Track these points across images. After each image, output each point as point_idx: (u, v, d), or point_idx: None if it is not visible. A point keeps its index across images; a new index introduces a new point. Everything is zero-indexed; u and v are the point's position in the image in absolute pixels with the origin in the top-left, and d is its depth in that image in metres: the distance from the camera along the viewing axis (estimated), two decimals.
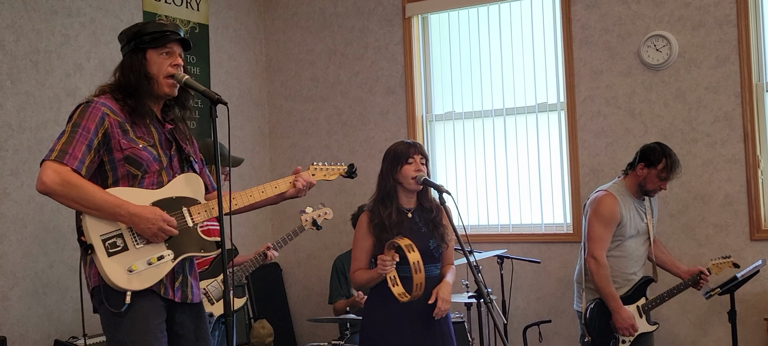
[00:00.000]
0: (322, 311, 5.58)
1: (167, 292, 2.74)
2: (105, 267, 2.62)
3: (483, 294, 3.24)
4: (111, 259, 2.62)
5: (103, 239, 2.63)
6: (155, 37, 2.73)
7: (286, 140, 6.05)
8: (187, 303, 2.82)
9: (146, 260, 2.66)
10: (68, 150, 2.60)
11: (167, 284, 2.74)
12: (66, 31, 4.67)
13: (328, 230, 5.87)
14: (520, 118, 5.32)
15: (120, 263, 2.63)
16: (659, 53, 4.80)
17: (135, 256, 2.65)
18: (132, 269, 2.63)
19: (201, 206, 2.79)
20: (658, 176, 3.98)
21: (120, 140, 2.68)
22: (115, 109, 2.70)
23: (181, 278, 2.79)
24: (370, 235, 3.45)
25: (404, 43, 5.58)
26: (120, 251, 2.64)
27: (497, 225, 5.39)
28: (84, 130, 2.63)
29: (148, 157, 2.72)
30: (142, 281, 2.65)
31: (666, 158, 3.96)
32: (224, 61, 5.74)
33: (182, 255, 2.74)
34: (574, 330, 4.94)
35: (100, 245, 2.62)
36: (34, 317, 4.43)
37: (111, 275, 2.62)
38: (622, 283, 4.03)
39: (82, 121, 2.65)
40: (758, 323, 4.56)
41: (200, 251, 2.78)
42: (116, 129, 2.68)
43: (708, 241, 4.72)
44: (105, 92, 2.76)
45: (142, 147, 2.71)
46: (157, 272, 2.68)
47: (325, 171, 3.15)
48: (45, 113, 4.52)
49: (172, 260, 2.71)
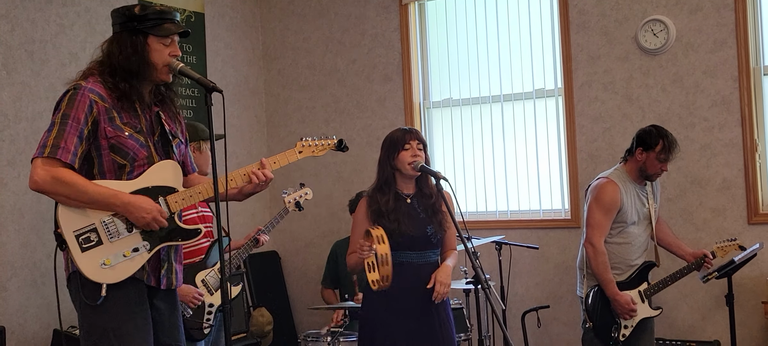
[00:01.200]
0: (321, 298, 5.59)
1: (150, 279, 2.74)
2: (78, 262, 2.61)
3: (481, 280, 3.24)
4: (84, 254, 2.62)
5: (76, 234, 2.61)
6: (159, 24, 2.69)
7: (283, 129, 6.04)
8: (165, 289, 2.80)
9: (121, 253, 2.65)
10: (60, 144, 2.58)
11: (150, 271, 2.73)
12: (61, 21, 4.66)
13: (326, 218, 5.87)
14: (517, 105, 5.31)
15: (93, 258, 2.62)
16: (657, 38, 4.78)
17: (109, 250, 2.64)
18: (105, 263, 2.62)
19: (179, 194, 2.75)
20: (657, 158, 3.97)
21: (106, 128, 2.65)
22: (104, 94, 2.66)
23: (166, 265, 2.78)
24: (368, 220, 3.49)
25: (401, 30, 5.57)
26: (93, 246, 2.62)
27: (495, 211, 5.39)
28: (74, 121, 2.60)
29: (134, 144, 2.68)
30: (117, 273, 2.64)
31: (663, 139, 3.95)
32: (220, 49, 5.72)
33: (158, 246, 2.72)
34: (573, 315, 4.95)
35: (74, 240, 2.61)
36: (33, 308, 4.43)
37: (85, 270, 2.62)
38: (624, 269, 4.02)
39: (71, 111, 2.61)
40: (756, 307, 4.57)
41: (178, 239, 2.75)
42: (103, 116, 2.65)
43: (706, 225, 4.72)
44: (93, 74, 2.70)
45: (127, 135, 2.67)
46: (131, 265, 2.67)
47: (313, 147, 3.01)
48: (41, 103, 4.51)
49: (147, 251, 2.69)
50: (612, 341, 3.97)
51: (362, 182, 5.43)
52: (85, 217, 2.62)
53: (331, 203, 5.83)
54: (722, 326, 4.57)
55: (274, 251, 6.03)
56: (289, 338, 5.71)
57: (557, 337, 5.14)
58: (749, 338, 4.62)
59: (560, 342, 5.13)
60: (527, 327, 4.87)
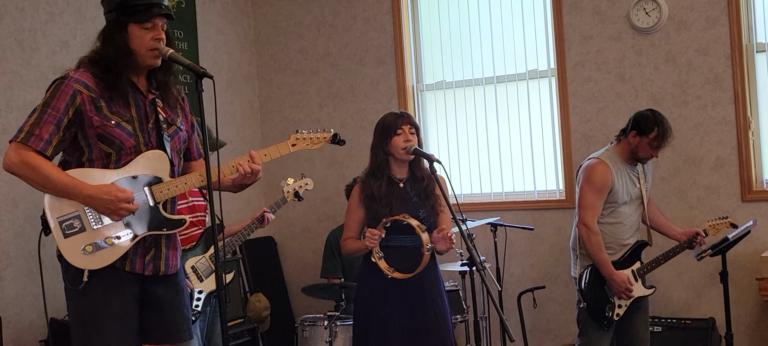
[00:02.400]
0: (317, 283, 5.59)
1: (134, 266, 2.74)
2: (61, 247, 2.67)
3: (476, 262, 3.25)
4: (67, 240, 2.66)
5: (59, 220, 2.67)
6: (139, 10, 2.68)
7: (276, 114, 6.02)
8: (160, 277, 2.81)
9: (103, 240, 2.67)
10: (35, 132, 2.63)
11: (134, 258, 2.74)
12: (51, 9, 4.63)
13: (321, 203, 5.87)
14: (510, 86, 5.31)
15: (76, 244, 2.66)
16: (649, 17, 4.77)
17: (91, 236, 2.67)
18: (86, 250, 2.66)
19: (164, 184, 2.75)
20: (650, 144, 3.97)
21: (93, 118, 2.66)
22: (90, 83, 2.68)
23: (152, 251, 2.78)
24: (361, 206, 3.51)
25: (393, 12, 5.54)
26: (76, 232, 2.67)
27: (490, 193, 5.40)
28: (53, 110, 2.64)
29: (121, 133, 2.69)
30: (98, 260, 2.67)
31: (658, 127, 3.95)
32: (212, 35, 5.70)
33: (142, 234, 2.73)
34: (569, 295, 4.97)
35: (57, 226, 2.66)
36: (29, 296, 4.43)
37: (67, 256, 2.67)
38: (617, 249, 4.04)
39: (52, 101, 2.65)
40: (750, 284, 4.58)
41: (163, 229, 2.76)
42: (89, 106, 2.66)
43: (700, 203, 4.73)
44: (84, 64, 2.73)
45: (114, 124, 2.68)
46: (113, 253, 2.69)
47: (308, 140, 2.97)
48: (32, 92, 4.49)
49: (130, 239, 2.70)
50: (606, 320, 3.99)
51: (356, 166, 5.42)
52: (70, 204, 2.67)
53: (325, 187, 5.83)
54: (717, 304, 4.59)
55: (270, 236, 6.03)
56: (286, 323, 5.73)
57: (553, 317, 5.16)
58: (744, 314, 4.64)
59: (556, 322, 5.15)
60: (523, 308, 4.89)
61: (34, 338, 4.40)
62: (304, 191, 4.16)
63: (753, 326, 4.64)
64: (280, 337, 5.61)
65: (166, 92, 2.83)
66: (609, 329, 4.01)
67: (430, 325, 3.47)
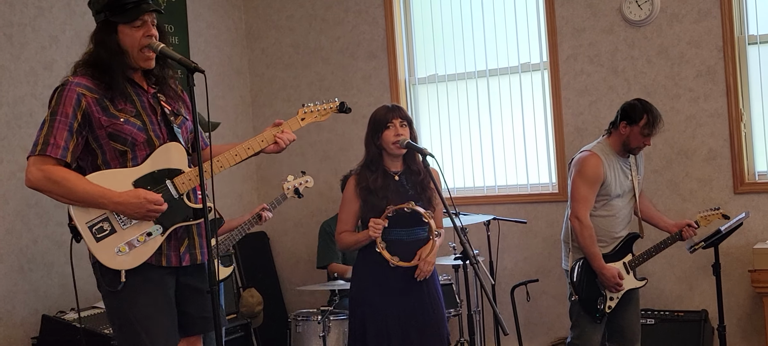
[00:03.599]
0: (310, 277, 5.59)
1: (170, 260, 2.74)
2: (95, 252, 2.67)
3: (470, 256, 3.25)
4: (99, 244, 2.66)
5: (89, 225, 2.66)
6: (127, 9, 2.66)
7: (268, 108, 6.00)
8: (197, 267, 2.82)
9: (135, 239, 2.67)
10: (50, 140, 2.62)
11: (169, 252, 2.74)
12: (40, 3, 4.59)
13: (314, 197, 5.86)
14: (503, 79, 5.30)
15: (109, 246, 2.66)
16: (641, 9, 4.77)
17: (123, 237, 2.67)
18: (121, 251, 2.66)
19: (185, 175, 2.75)
20: (641, 132, 3.97)
21: (101, 118, 2.66)
22: (92, 86, 2.67)
23: (186, 241, 2.78)
24: (357, 198, 3.50)
25: (385, 6, 5.52)
26: (107, 235, 2.66)
27: (483, 186, 5.40)
28: (63, 116, 2.63)
29: (131, 129, 2.69)
30: (134, 259, 2.67)
31: (647, 114, 3.95)
32: (203, 30, 5.67)
33: (171, 227, 2.73)
34: (562, 289, 4.97)
35: (87, 232, 2.66)
36: (21, 293, 4.41)
37: (102, 259, 2.67)
38: (608, 242, 4.04)
39: (59, 107, 2.64)
40: (743, 276, 4.60)
41: (190, 219, 2.77)
42: (95, 107, 2.66)
43: (692, 196, 4.74)
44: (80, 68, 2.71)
45: (123, 121, 2.68)
46: (146, 249, 2.69)
47: (316, 113, 3.01)
48: (22, 87, 4.46)
49: (160, 234, 2.71)
50: (598, 312, 3.99)
51: (349, 160, 5.41)
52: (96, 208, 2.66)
53: (318, 182, 5.80)
54: (709, 296, 4.61)
55: (263, 232, 6.01)
56: (279, 318, 5.72)
57: (547, 310, 5.16)
58: (736, 306, 4.66)
59: (550, 315, 5.16)
60: (516, 301, 4.90)
61: (26, 335, 4.38)
62: (304, 189, 4.16)
63: (745, 318, 4.65)
64: (274, 332, 5.60)
65: (165, 85, 2.83)
66: (601, 321, 4.01)
67: (427, 317, 3.47)
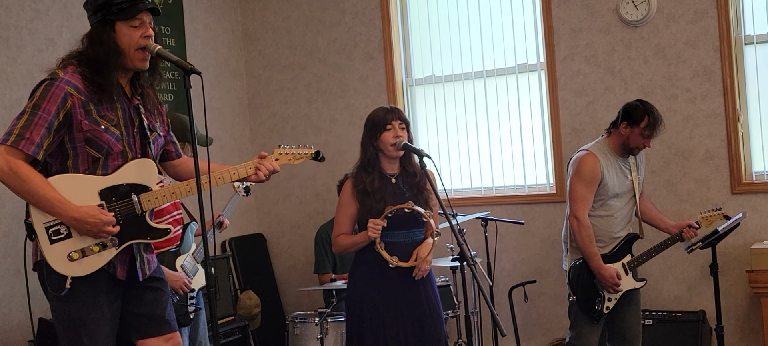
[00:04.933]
0: (308, 280, 5.58)
1: (116, 270, 2.73)
2: (46, 254, 2.63)
3: (467, 257, 3.24)
4: (53, 246, 2.63)
5: (46, 226, 2.63)
6: (124, 7, 2.65)
7: (265, 110, 5.99)
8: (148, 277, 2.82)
9: (89, 247, 2.65)
10: (25, 135, 2.57)
11: (120, 264, 2.73)
12: (36, 6, 4.58)
13: (311, 199, 5.85)
14: (500, 80, 5.30)
15: (61, 250, 2.63)
16: (637, 10, 4.77)
17: (78, 243, 2.64)
18: (73, 258, 2.63)
19: (152, 193, 2.74)
20: (641, 134, 3.97)
21: (82, 121, 2.63)
22: (80, 86, 2.64)
23: (137, 259, 2.78)
24: (354, 201, 3.49)
25: (382, 7, 5.52)
26: (63, 239, 2.64)
27: (480, 187, 5.39)
28: (44, 112, 2.58)
29: (110, 138, 2.67)
30: (84, 267, 2.65)
31: (648, 116, 3.95)
32: (200, 31, 5.66)
33: (127, 242, 2.71)
34: (560, 289, 4.97)
35: (43, 232, 2.63)
36: (18, 296, 4.39)
37: (52, 262, 2.63)
38: (607, 242, 4.03)
39: (43, 102, 2.59)
40: (740, 276, 4.60)
41: (146, 238, 2.75)
42: (79, 109, 2.63)
43: (690, 196, 4.74)
44: (72, 64, 2.68)
45: (103, 128, 2.66)
46: (99, 259, 2.67)
47: (290, 156, 3.04)
48: (18, 90, 4.45)
49: (116, 247, 2.69)
50: (595, 313, 3.99)
51: (346, 162, 5.40)
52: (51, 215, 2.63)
53: (315, 184, 5.81)
54: (707, 296, 4.60)
55: (260, 233, 6.01)
56: (276, 320, 5.71)
57: (544, 311, 5.16)
58: (734, 306, 4.66)
59: (547, 316, 5.16)
60: (514, 302, 4.89)
61: (22, 339, 4.37)
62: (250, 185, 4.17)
63: (743, 318, 4.65)
64: (271, 334, 5.59)
65: (147, 96, 2.83)
66: (599, 322, 4.00)
67: (424, 318, 3.47)
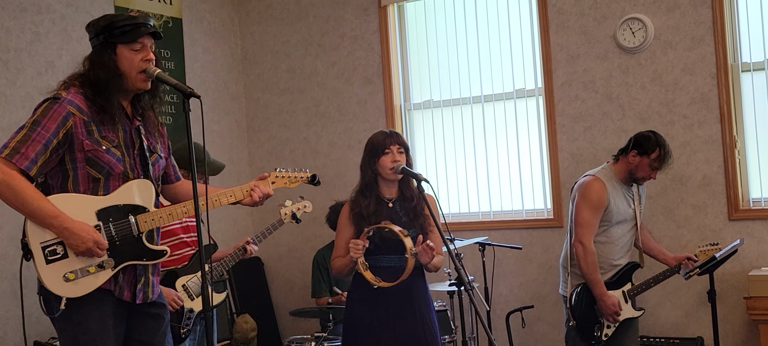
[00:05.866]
0: (304, 304, 5.55)
1: (122, 293, 2.72)
2: (42, 273, 2.62)
3: (464, 282, 3.23)
4: (49, 266, 2.61)
5: (43, 246, 2.61)
6: (126, 31, 2.67)
7: (264, 133, 6.00)
8: (148, 302, 2.81)
9: (85, 268, 2.64)
10: (21, 149, 2.57)
11: (124, 285, 2.72)
12: (36, 29, 4.60)
13: (309, 223, 5.84)
14: (498, 105, 5.31)
15: (57, 271, 2.62)
16: (635, 36, 4.80)
17: (73, 263, 2.63)
18: (68, 278, 2.62)
19: (149, 214, 2.74)
20: (650, 165, 3.98)
21: (83, 141, 2.64)
22: (83, 106, 2.65)
23: (143, 279, 2.77)
24: (350, 224, 3.49)
25: (380, 32, 5.55)
26: (59, 259, 2.62)
27: (478, 212, 5.39)
28: (43, 129, 2.59)
29: (111, 159, 2.67)
30: (79, 288, 2.63)
31: (660, 148, 3.97)
32: (199, 55, 5.68)
33: (123, 263, 2.70)
34: (557, 315, 4.95)
35: (39, 251, 2.61)
36: (13, 319, 4.37)
37: (47, 282, 2.62)
38: (607, 269, 4.02)
39: (43, 120, 2.61)
40: (738, 302, 4.59)
41: (143, 259, 2.74)
42: (80, 128, 2.63)
43: (687, 222, 4.74)
44: (74, 84, 2.69)
45: (105, 149, 2.66)
46: (94, 280, 2.65)
47: (286, 179, 3.06)
48: (17, 113, 4.45)
49: (112, 268, 2.68)
50: (594, 340, 3.97)
51: (344, 186, 5.40)
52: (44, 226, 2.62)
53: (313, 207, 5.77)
54: (705, 323, 4.59)
55: (257, 257, 5.99)
56: (273, 344, 5.68)
57: (542, 337, 5.14)
58: (732, 333, 4.64)
59: (545, 342, 5.13)
60: (512, 328, 4.86)
61: None
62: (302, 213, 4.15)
63: (741, 344, 4.64)
64: None
65: (148, 118, 2.83)
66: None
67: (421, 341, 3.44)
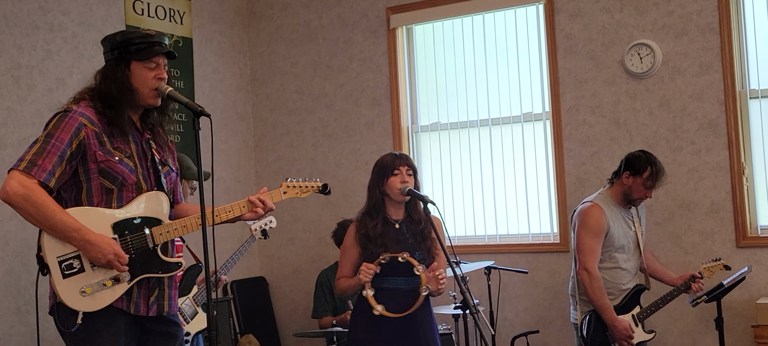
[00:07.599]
0: (309, 324, 5.54)
1: (139, 309, 2.72)
2: (58, 288, 2.62)
3: (470, 305, 3.22)
4: (66, 280, 2.61)
5: (59, 260, 2.62)
6: (141, 48, 2.69)
7: (271, 153, 6.02)
8: (163, 317, 2.80)
9: (101, 282, 2.64)
10: (38, 162, 2.58)
11: (138, 300, 2.72)
12: (48, 46, 4.64)
13: (314, 243, 5.84)
14: (505, 128, 5.32)
15: (74, 285, 2.62)
16: (643, 62, 4.81)
17: (90, 277, 2.63)
18: (85, 292, 2.62)
19: (164, 226, 2.75)
20: (644, 184, 3.98)
21: (96, 152, 2.65)
22: (94, 119, 2.67)
23: (157, 291, 2.76)
24: (356, 245, 3.49)
25: (389, 54, 5.57)
26: (76, 273, 2.63)
27: (484, 236, 5.38)
28: (57, 141, 2.61)
29: (124, 169, 2.69)
30: (96, 302, 2.63)
31: (651, 166, 3.96)
32: (208, 74, 5.71)
33: (139, 276, 2.70)
34: (563, 340, 4.92)
35: (56, 266, 2.62)
36: (17, 336, 4.37)
37: (63, 296, 2.62)
38: (616, 294, 4.01)
39: (56, 132, 2.62)
40: (745, 331, 4.56)
41: (158, 272, 2.74)
42: (93, 140, 2.65)
43: (694, 249, 4.72)
44: (84, 99, 2.71)
45: (117, 160, 2.68)
46: (111, 294, 2.66)
47: (297, 189, 3.05)
48: (27, 129, 4.48)
49: (127, 282, 2.68)
50: None
51: (350, 206, 5.40)
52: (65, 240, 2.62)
53: (318, 228, 5.80)
54: None
55: (262, 276, 5.98)
56: None
57: None
58: None
59: None
60: None
61: None
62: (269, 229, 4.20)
63: None
64: None
65: (157, 133, 2.85)
66: None
67: None
